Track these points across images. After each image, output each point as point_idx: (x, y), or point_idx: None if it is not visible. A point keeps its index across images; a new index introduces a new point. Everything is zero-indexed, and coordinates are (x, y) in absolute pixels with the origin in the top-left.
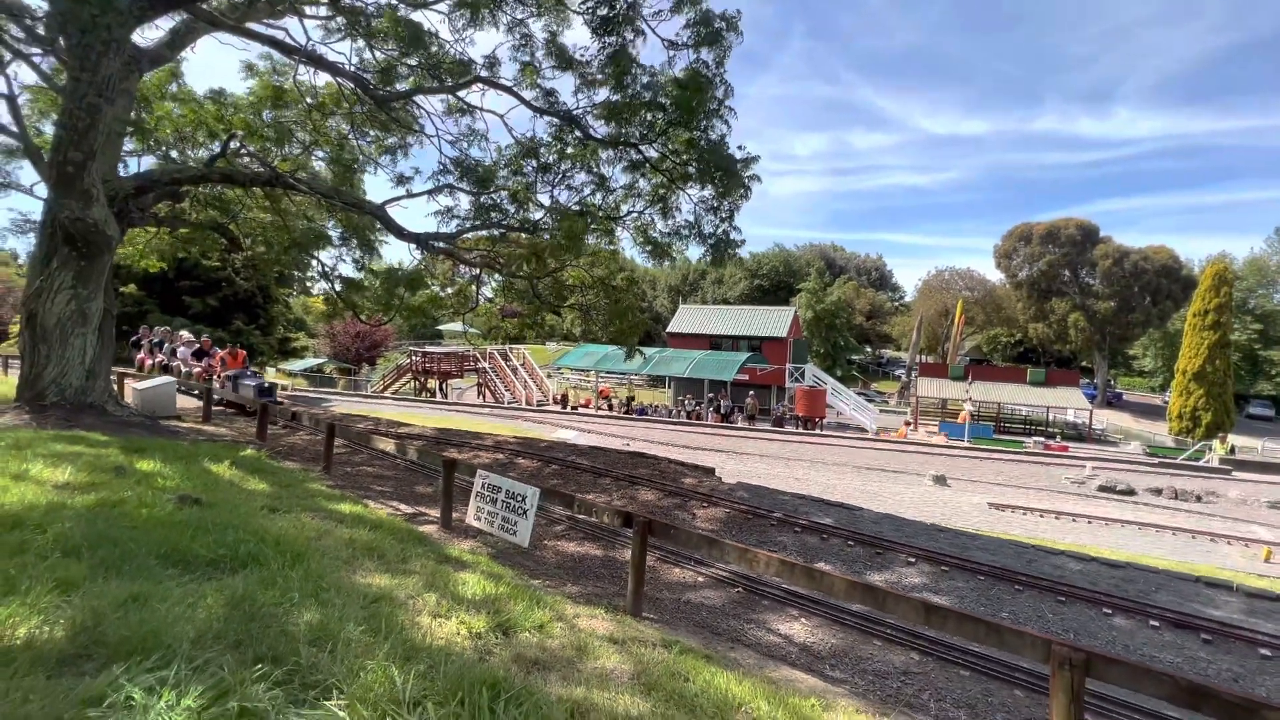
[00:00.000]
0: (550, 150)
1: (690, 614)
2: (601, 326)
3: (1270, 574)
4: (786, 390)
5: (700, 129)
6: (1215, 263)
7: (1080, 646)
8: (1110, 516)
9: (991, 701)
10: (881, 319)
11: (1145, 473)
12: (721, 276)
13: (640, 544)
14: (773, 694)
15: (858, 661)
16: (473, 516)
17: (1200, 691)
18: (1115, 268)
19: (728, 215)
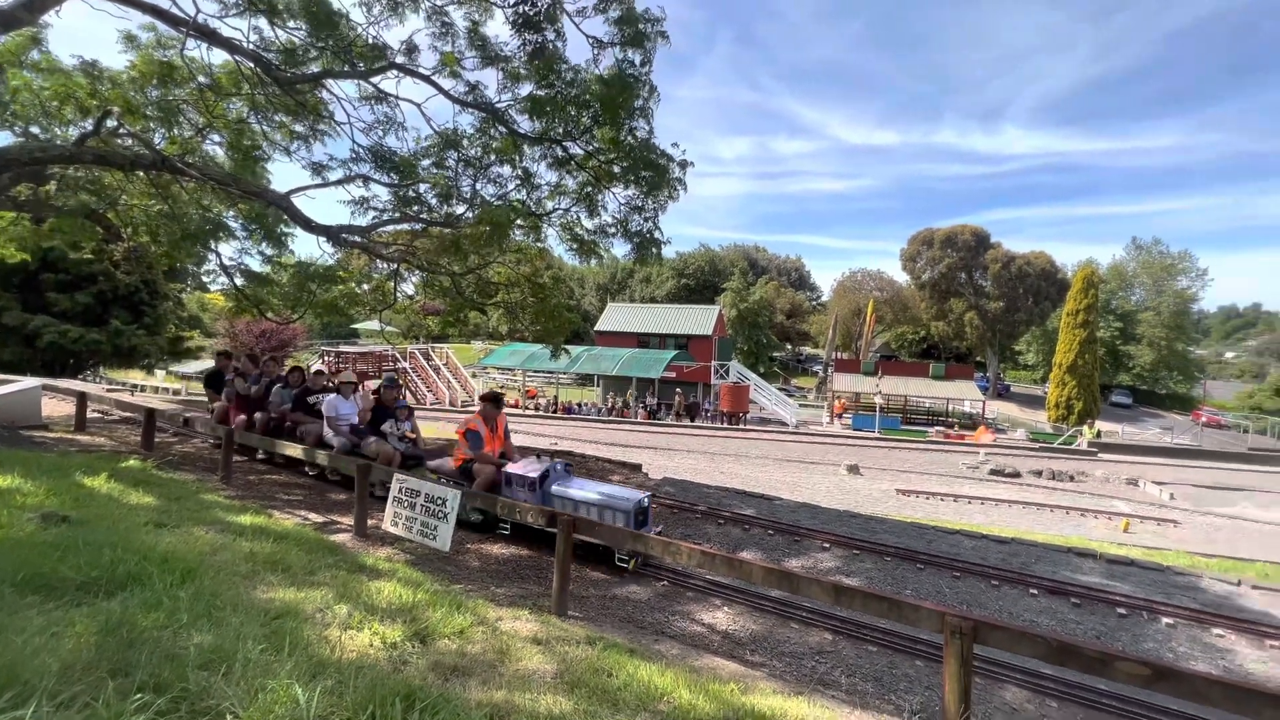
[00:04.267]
0: (474, 143)
1: (616, 610)
2: (528, 325)
3: (1127, 542)
4: (712, 387)
5: (626, 128)
6: (1084, 268)
7: (969, 616)
8: (1000, 497)
9: (895, 673)
10: (801, 317)
11: (1029, 457)
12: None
13: (565, 543)
14: (694, 682)
15: (776, 644)
16: (389, 522)
17: (1067, 649)
18: (1003, 271)
19: (653, 215)
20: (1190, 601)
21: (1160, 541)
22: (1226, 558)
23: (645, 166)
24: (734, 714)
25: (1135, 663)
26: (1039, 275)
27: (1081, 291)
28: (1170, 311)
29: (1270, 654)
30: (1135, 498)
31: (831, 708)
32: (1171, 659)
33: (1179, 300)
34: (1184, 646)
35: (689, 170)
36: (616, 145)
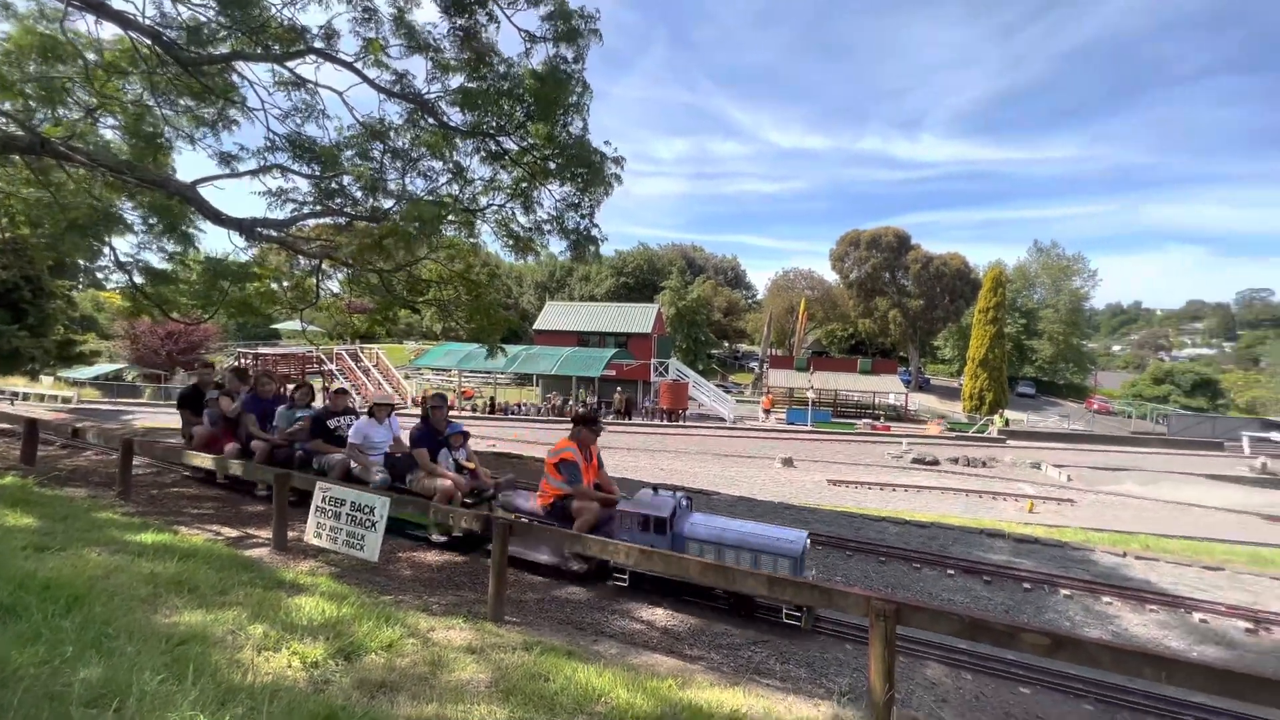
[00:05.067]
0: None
1: (555, 612)
2: (462, 323)
3: (1032, 521)
4: (652, 384)
5: (561, 124)
6: (993, 269)
7: (891, 599)
8: (921, 484)
9: (826, 657)
10: (737, 315)
11: (947, 445)
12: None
13: (501, 547)
14: (632, 681)
15: (714, 637)
16: (312, 534)
17: (979, 624)
18: (923, 271)
19: (589, 212)
20: (1084, 574)
21: (1060, 519)
22: (1115, 531)
23: (580, 163)
24: (672, 710)
25: (1038, 634)
26: (954, 275)
27: (991, 290)
28: (1067, 309)
29: (1150, 617)
30: (1038, 480)
31: (767, 695)
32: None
33: (1074, 298)
34: (1079, 615)
35: (623, 168)
36: (551, 141)
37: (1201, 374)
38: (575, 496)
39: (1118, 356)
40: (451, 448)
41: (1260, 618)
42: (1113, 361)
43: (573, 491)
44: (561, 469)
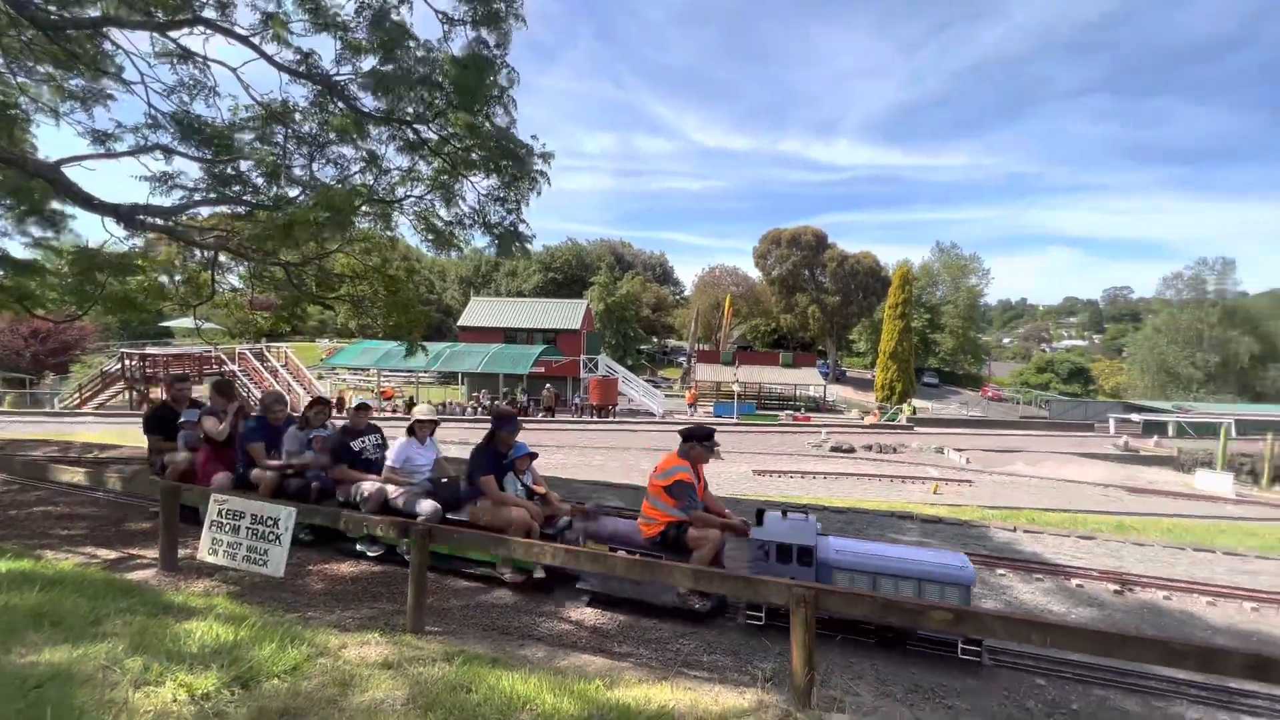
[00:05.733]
0: (308, 118)
1: (481, 618)
2: (379, 320)
3: (937, 502)
4: (581, 381)
5: (484, 114)
6: (901, 267)
7: (810, 585)
8: (839, 471)
9: (752, 644)
10: (665, 311)
11: (861, 433)
12: (515, 269)
13: (420, 554)
14: (559, 685)
15: (643, 633)
16: (207, 550)
17: (891, 605)
18: (839, 269)
19: (515, 207)
20: (982, 549)
21: (960, 499)
22: (1007, 508)
23: (505, 156)
24: (599, 711)
25: (941, 610)
26: (867, 273)
27: (899, 288)
28: (965, 304)
29: (1036, 586)
30: (941, 464)
31: (694, 687)
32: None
33: (971, 295)
34: (978, 588)
35: (551, 163)
36: (474, 131)
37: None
38: (693, 524)
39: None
40: (518, 472)
41: (1125, 580)
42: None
43: (690, 518)
44: (676, 492)
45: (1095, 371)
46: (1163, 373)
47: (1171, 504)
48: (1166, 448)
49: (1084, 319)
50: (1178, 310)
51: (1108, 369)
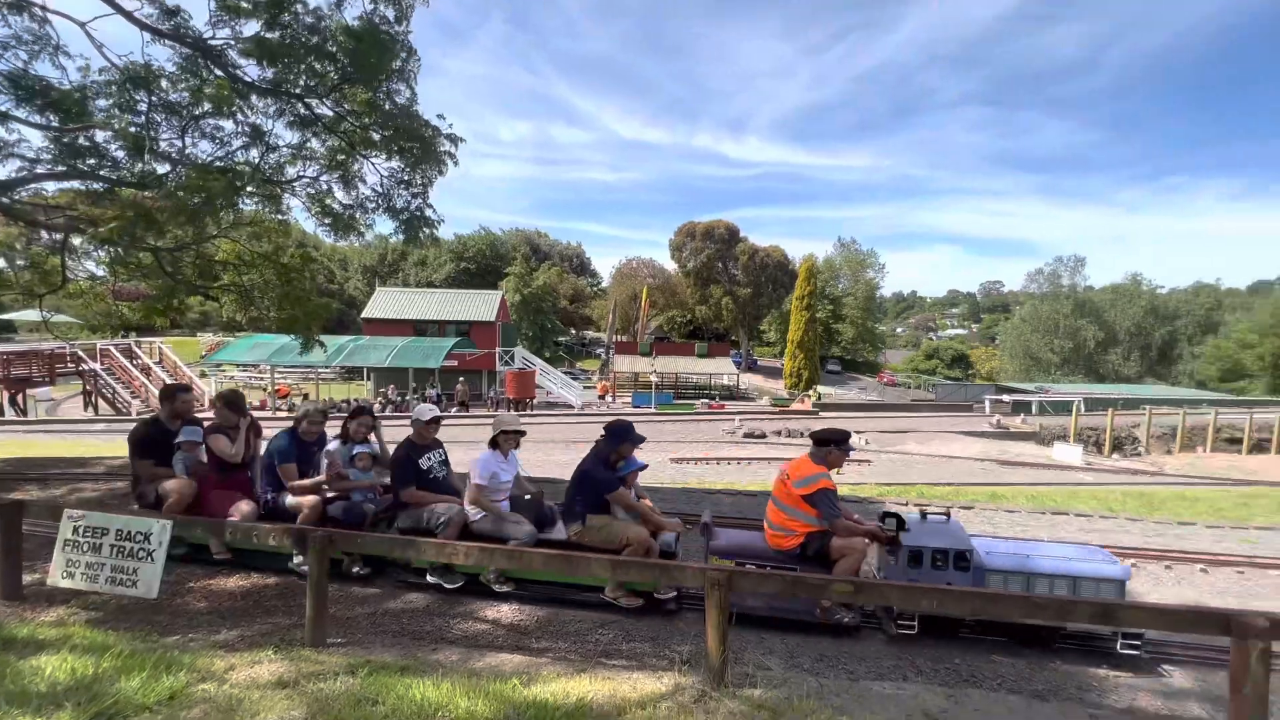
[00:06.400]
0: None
1: (390, 624)
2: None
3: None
4: (497, 374)
5: (384, 91)
6: (807, 260)
7: (723, 569)
8: (752, 456)
9: (670, 629)
10: (583, 302)
11: (772, 419)
12: (425, 258)
13: (319, 562)
14: (473, 687)
15: (562, 626)
16: (61, 574)
17: (798, 582)
18: (750, 262)
19: (421, 191)
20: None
21: (860, 478)
22: (900, 484)
23: (409, 136)
24: (515, 711)
25: (843, 583)
26: (776, 266)
27: (805, 280)
28: (863, 296)
29: None
30: None
31: (613, 676)
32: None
33: (869, 288)
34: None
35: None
36: (373, 109)
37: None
38: (837, 533)
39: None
40: (627, 487)
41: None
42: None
43: (835, 527)
44: (820, 501)
45: (974, 357)
46: (1027, 358)
47: (1034, 474)
48: (1030, 424)
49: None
50: (1039, 302)
51: (984, 355)
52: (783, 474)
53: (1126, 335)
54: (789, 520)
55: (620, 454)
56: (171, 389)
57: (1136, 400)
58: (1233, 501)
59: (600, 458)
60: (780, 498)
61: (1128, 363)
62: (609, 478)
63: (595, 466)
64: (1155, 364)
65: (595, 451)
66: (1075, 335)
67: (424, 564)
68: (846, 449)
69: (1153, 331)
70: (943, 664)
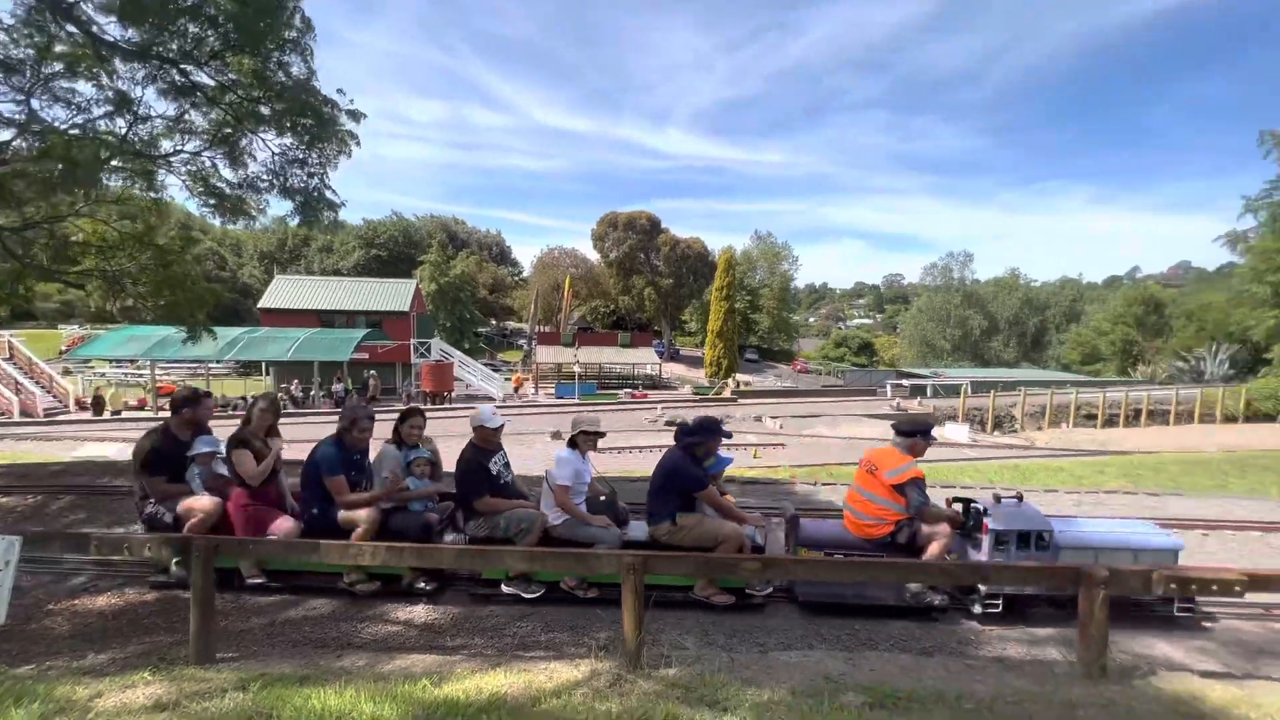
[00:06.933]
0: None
1: (290, 634)
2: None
3: (757, 465)
4: (413, 366)
5: (274, 62)
6: (725, 253)
7: (639, 554)
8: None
9: (588, 617)
10: (504, 292)
11: (693, 407)
12: (331, 244)
13: (204, 573)
14: (379, 691)
15: (478, 622)
16: None
17: (709, 563)
18: (672, 253)
19: (320, 171)
20: (788, 503)
21: (775, 461)
22: (811, 465)
23: (303, 112)
24: (425, 711)
25: (751, 561)
26: (696, 257)
27: (724, 272)
28: (779, 288)
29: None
30: (760, 430)
31: (529, 668)
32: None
33: (783, 279)
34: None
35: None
36: (262, 81)
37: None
38: (926, 520)
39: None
40: None
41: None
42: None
43: (924, 514)
44: (911, 490)
45: (878, 345)
46: (924, 345)
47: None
48: (926, 406)
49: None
50: (933, 294)
51: (887, 343)
52: (868, 465)
53: (1006, 324)
54: (880, 509)
55: (709, 449)
56: (184, 396)
57: (1014, 383)
58: (1089, 470)
59: (687, 455)
60: (867, 488)
61: (1007, 349)
62: (699, 476)
63: (684, 464)
64: (1030, 350)
65: (680, 448)
66: (964, 324)
67: (498, 575)
68: (930, 438)
69: (1028, 321)
70: (845, 630)
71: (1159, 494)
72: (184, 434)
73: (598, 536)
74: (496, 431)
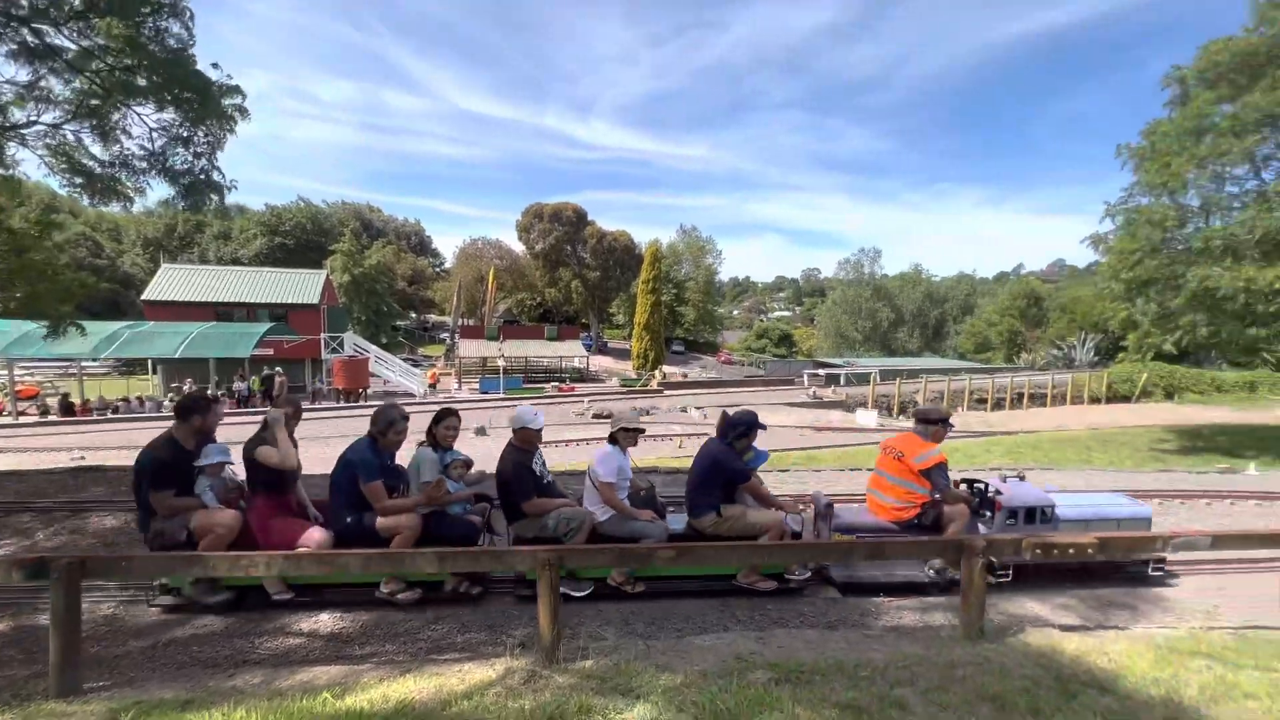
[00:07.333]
0: None
1: (174, 656)
2: None
3: (682, 455)
4: (324, 362)
5: (149, 28)
6: (651, 246)
7: (555, 549)
8: (601, 436)
9: (506, 616)
10: (424, 284)
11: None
12: (229, 230)
13: (66, 596)
14: (274, 709)
15: (389, 628)
16: None
17: (625, 553)
18: (599, 245)
19: (207, 150)
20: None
21: None
22: None
23: (185, 85)
24: None
25: (665, 549)
26: (623, 250)
27: (650, 265)
28: (704, 281)
29: None
30: (685, 421)
31: (441, 671)
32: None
33: (708, 273)
34: None
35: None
36: (135, 48)
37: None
38: (948, 501)
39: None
40: None
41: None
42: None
43: (947, 496)
44: (938, 474)
45: (797, 336)
46: (838, 336)
47: (841, 437)
48: (840, 394)
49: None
50: (846, 288)
51: (805, 334)
52: (893, 452)
53: (911, 316)
54: (907, 493)
55: (748, 443)
56: (194, 402)
57: (917, 370)
58: (979, 449)
59: (728, 447)
60: (894, 473)
61: (912, 339)
62: (743, 468)
63: (727, 457)
64: (931, 340)
65: (720, 441)
66: (874, 316)
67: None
68: (950, 425)
69: (929, 313)
70: (758, 611)
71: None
72: (190, 443)
73: (645, 530)
74: (539, 432)
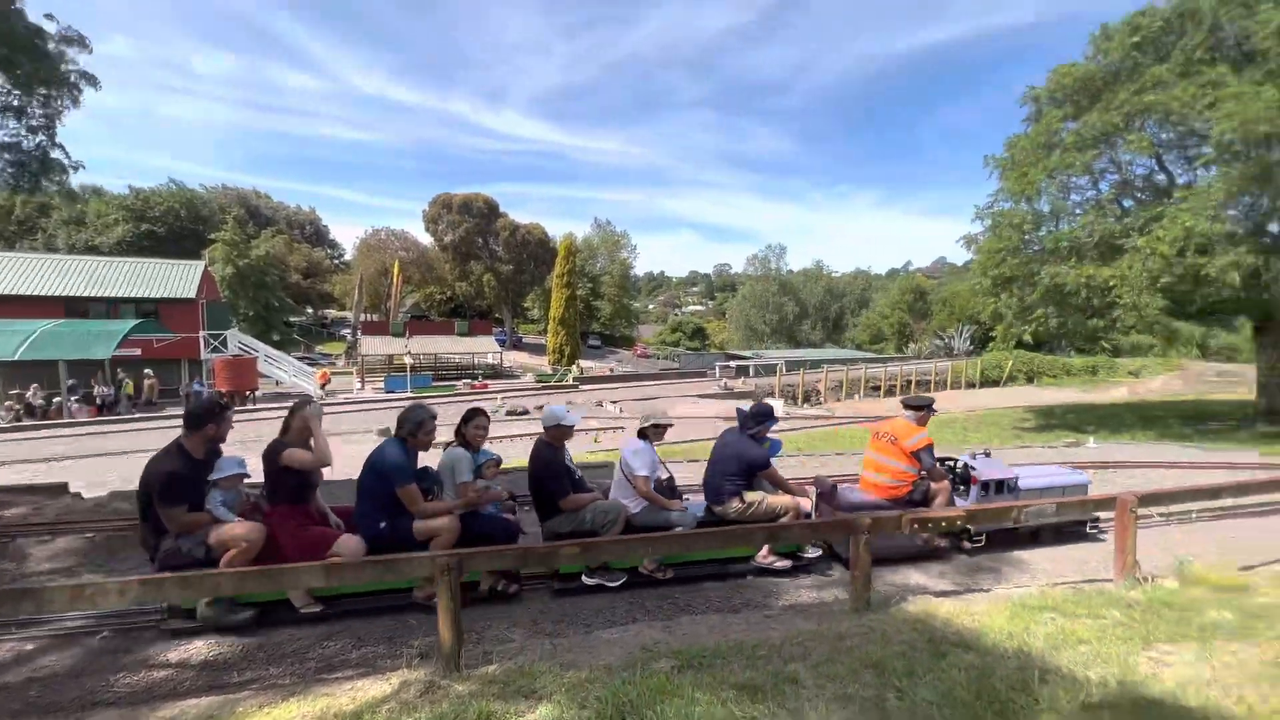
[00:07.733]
0: None
1: (7, 704)
2: None
3: (597, 450)
4: (204, 363)
5: None
6: (566, 239)
7: (456, 553)
8: (516, 433)
9: (405, 626)
10: (322, 277)
11: (535, 395)
12: (84, 215)
13: None
14: None
15: (274, 649)
16: None
17: (529, 552)
18: (511, 238)
19: (46, 125)
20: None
21: (616, 445)
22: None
23: (14, 45)
24: None
25: (568, 546)
26: (537, 244)
27: (565, 258)
28: (619, 275)
29: None
30: (602, 415)
31: (331, 691)
32: None
33: (623, 267)
34: None
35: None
36: None
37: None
38: (935, 479)
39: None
40: None
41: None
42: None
43: (934, 474)
44: (926, 455)
45: (710, 330)
46: (748, 329)
47: None
48: (749, 385)
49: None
50: (755, 283)
51: (717, 328)
52: (887, 436)
53: (814, 309)
54: (899, 473)
55: (764, 432)
56: (205, 410)
57: (819, 361)
58: None
59: (749, 437)
60: (888, 455)
61: (815, 331)
62: (764, 456)
63: (749, 447)
64: (832, 332)
65: (741, 431)
66: (780, 310)
67: (574, 568)
68: (933, 410)
69: (830, 307)
70: (667, 600)
71: None
72: (200, 453)
73: (676, 520)
74: (571, 429)
